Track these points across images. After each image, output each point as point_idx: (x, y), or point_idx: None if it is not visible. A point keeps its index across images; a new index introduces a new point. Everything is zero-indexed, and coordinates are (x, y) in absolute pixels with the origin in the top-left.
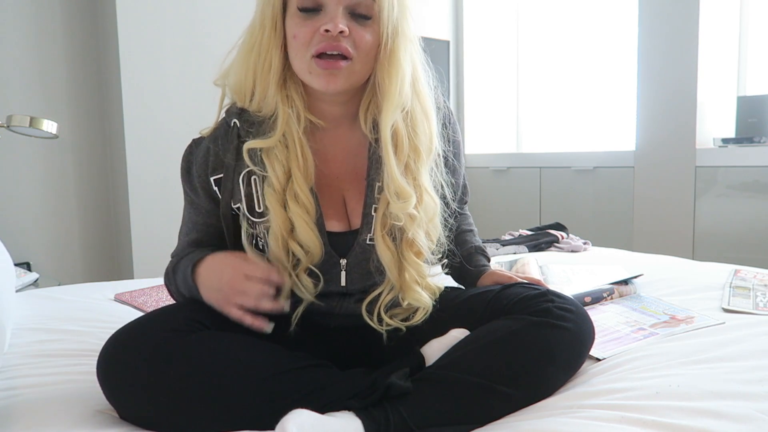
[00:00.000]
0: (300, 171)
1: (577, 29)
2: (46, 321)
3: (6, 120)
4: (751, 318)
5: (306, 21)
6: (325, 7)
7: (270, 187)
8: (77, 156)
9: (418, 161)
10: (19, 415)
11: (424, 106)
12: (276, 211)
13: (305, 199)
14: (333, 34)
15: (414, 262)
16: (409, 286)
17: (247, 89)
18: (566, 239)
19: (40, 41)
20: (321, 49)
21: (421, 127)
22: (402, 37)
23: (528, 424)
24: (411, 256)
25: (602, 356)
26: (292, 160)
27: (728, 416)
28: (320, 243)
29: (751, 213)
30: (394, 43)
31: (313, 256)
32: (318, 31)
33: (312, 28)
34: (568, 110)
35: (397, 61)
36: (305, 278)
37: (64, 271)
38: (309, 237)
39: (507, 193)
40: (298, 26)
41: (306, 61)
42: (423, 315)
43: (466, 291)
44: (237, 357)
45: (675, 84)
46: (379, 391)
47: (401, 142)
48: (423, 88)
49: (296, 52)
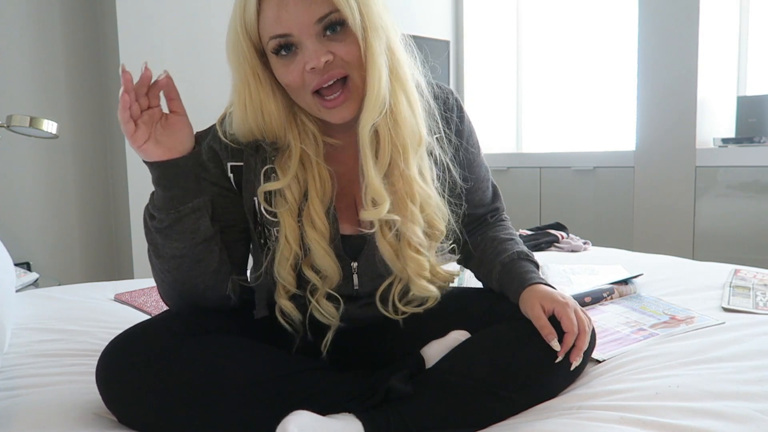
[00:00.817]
0: (317, 195)
1: (578, 29)
2: (46, 321)
3: (6, 120)
4: (751, 318)
5: (288, 65)
6: (298, 42)
7: (284, 200)
8: (77, 156)
9: (406, 154)
10: (19, 416)
11: (407, 93)
12: (288, 225)
13: (321, 225)
14: (319, 69)
15: (413, 258)
16: (412, 280)
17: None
18: (566, 239)
19: (40, 41)
20: (316, 86)
21: (407, 118)
22: (372, 31)
23: (528, 425)
24: (409, 252)
25: (602, 358)
26: (309, 182)
27: (728, 416)
28: (338, 267)
29: (751, 213)
30: (367, 41)
31: (332, 281)
32: (304, 70)
33: (297, 70)
34: (568, 110)
35: (372, 57)
36: (325, 303)
37: (64, 271)
38: (327, 262)
39: (507, 193)
40: (284, 74)
41: (308, 100)
42: (434, 301)
43: (467, 292)
44: (237, 360)
45: (675, 84)
46: (379, 393)
47: (384, 141)
48: (405, 72)
49: (296, 96)
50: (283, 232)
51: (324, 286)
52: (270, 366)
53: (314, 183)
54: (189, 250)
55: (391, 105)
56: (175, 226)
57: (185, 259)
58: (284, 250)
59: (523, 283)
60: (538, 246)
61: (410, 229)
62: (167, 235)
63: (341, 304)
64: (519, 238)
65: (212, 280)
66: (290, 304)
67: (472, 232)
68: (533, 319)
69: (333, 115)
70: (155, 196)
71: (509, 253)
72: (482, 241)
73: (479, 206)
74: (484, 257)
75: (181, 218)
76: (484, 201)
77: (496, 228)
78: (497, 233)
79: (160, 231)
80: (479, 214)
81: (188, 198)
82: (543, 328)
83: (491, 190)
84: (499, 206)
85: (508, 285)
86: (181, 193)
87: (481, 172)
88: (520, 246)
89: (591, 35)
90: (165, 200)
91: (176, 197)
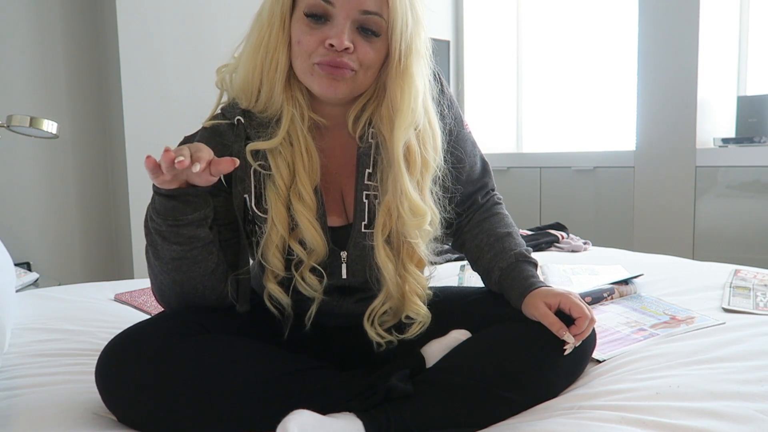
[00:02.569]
0: (305, 170)
1: (578, 29)
2: (46, 321)
3: (6, 120)
4: (752, 318)
5: (312, 29)
6: (333, 17)
7: (274, 186)
8: (77, 156)
9: (425, 175)
10: (19, 416)
11: (431, 121)
12: (277, 210)
13: (308, 199)
14: (337, 49)
15: (416, 274)
16: (408, 298)
17: (254, 88)
18: (566, 239)
19: (40, 41)
20: (324, 62)
21: (430, 143)
22: (416, 55)
23: (528, 425)
24: (412, 267)
25: (603, 358)
26: (297, 159)
27: (728, 416)
28: (323, 240)
29: (751, 213)
30: (407, 60)
31: (318, 254)
32: (323, 42)
33: (317, 38)
34: (568, 110)
35: (410, 78)
36: (309, 276)
37: (64, 271)
38: (312, 235)
39: (507, 193)
40: (303, 33)
41: (308, 64)
42: (419, 328)
43: (467, 291)
44: (238, 360)
45: (675, 84)
46: (379, 392)
47: (414, 159)
48: (429, 102)
49: (297, 56)
50: (270, 215)
51: (310, 259)
52: (270, 365)
53: (301, 158)
54: (188, 252)
55: (421, 128)
56: (174, 231)
57: (184, 261)
58: (272, 234)
59: (524, 291)
60: (539, 246)
61: (418, 243)
62: (165, 238)
63: (324, 278)
64: (515, 229)
65: (210, 280)
66: (278, 288)
67: (463, 218)
68: (540, 318)
69: (328, 85)
70: (156, 201)
71: (507, 256)
72: (478, 234)
73: (467, 184)
74: (481, 256)
75: (180, 227)
76: (471, 176)
77: (492, 218)
78: (494, 226)
79: (159, 233)
80: (469, 193)
81: (189, 211)
82: (553, 325)
83: (480, 165)
84: (488, 181)
85: (509, 291)
86: (181, 205)
87: (467, 146)
88: (516, 244)
89: (591, 35)
90: (166, 209)
91: (177, 208)
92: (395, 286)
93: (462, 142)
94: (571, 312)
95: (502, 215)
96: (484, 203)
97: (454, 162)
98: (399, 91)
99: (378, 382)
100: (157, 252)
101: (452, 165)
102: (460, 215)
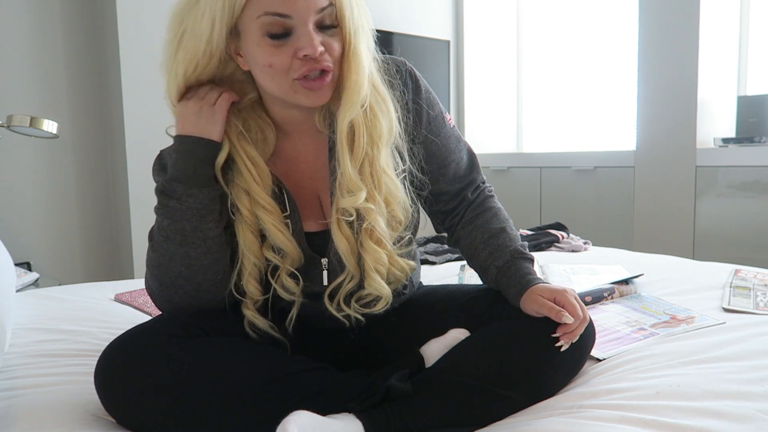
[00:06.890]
0: (255, 180)
1: (578, 29)
2: (46, 321)
3: (6, 120)
4: (752, 318)
5: (278, 48)
6: (294, 28)
7: (240, 215)
8: (77, 156)
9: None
10: (19, 416)
11: (379, 90)
12: (245, 238)
13: (267, 204)
14: (313, 57)
15: (373, 250)
16: (368, 275)
17: None
18: (566, 239)
19: (40, 41)
20: (304, 72)
21: (381, 115)
22: (362, 33)
23: (528, 424)
24: (370, 244)
25: (602, 356)
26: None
27: (728, 416)
28: (293, 243)
29: (751, 213)
30: (356, 39)
31: (293, 260)
32: (295, 56)
33: (287, 54)
34: (568, 110)
35: (359, 58)
36: (286, 279)
37: (64, 271)
38: (280, 239)
39: (507, 193)
40: (271, 54)
41: (286, 84)
42: (384, 304)
43: (465, 290)
44: (237, 362)
45: (675, 84)
46: (379, 392)
47: (359, 135)
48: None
49: (273, 79)
50: (240, 245)
51: (285, 263)
52: (269, 366)
53: (249, 173)
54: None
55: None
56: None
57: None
58: (245, 262)
59: (521, 289)
60: (539, 246)
61: (375, 219)
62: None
63: (300, 281)
64: (509, 223)
65: (215, 266)
66: (255, 314)
67: (455, 215)
68: (540, 308)
69: (313, 97)
70: (176, 166)
71: (503, 253)
72: (472, 231)
73: (455, 181)
74: (477, 254)
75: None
76: (458, 173)
77: (484, 213)
78: (487, 222)
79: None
80: (457, 190)
81: (204, 181)
82: (551, 310)
83: (467, 160)
84: (476, 177)
85: (506, 289)
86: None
87: (450, 143)
88: (511, 239)
89: (591, 35)
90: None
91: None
92: (353, 265)
93: (445, 139)
94: (564, 309)
95: (495, 209)
96: (475, 198)
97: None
98: (349, 73)
99: (377, 382)
100: (174, 223)
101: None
102: (452, 212)
